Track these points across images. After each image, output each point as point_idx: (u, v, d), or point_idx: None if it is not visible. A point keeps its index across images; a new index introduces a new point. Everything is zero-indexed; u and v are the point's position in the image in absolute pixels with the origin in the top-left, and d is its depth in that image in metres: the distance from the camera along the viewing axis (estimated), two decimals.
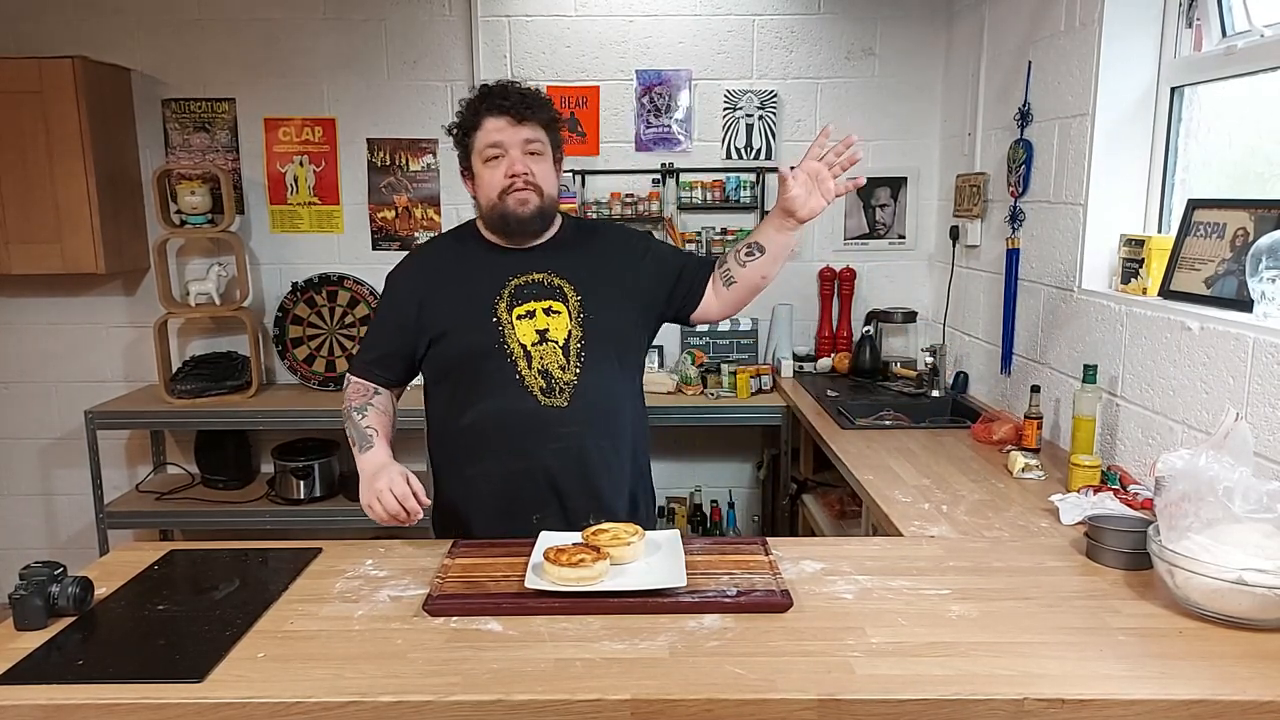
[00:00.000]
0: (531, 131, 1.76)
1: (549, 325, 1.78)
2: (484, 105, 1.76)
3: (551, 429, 1.77)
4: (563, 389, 1.78)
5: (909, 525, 1.90)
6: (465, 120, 1.79)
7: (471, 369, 1.79)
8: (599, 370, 1.80)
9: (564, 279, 1.82)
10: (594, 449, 1.80)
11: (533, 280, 1.81)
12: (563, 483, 1.79)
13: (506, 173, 1.75)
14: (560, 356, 1.78)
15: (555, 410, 1.77)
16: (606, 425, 1.82)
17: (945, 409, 3.09)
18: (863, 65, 3.48)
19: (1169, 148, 2.34)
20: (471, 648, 1.29)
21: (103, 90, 3.23)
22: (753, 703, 1.16)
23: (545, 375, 1.77)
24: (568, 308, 1.80)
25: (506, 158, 1.75)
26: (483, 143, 1.76)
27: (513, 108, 1.74)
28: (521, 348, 1.77)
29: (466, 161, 1.82)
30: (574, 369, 1.78)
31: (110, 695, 1.18)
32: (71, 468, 3.62)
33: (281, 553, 1.65)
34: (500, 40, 3.42)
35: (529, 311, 1.79)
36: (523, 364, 1.77)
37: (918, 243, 3.61)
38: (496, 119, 1.74)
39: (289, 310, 3.50)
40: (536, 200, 1.76)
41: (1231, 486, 1.36)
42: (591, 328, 1.80)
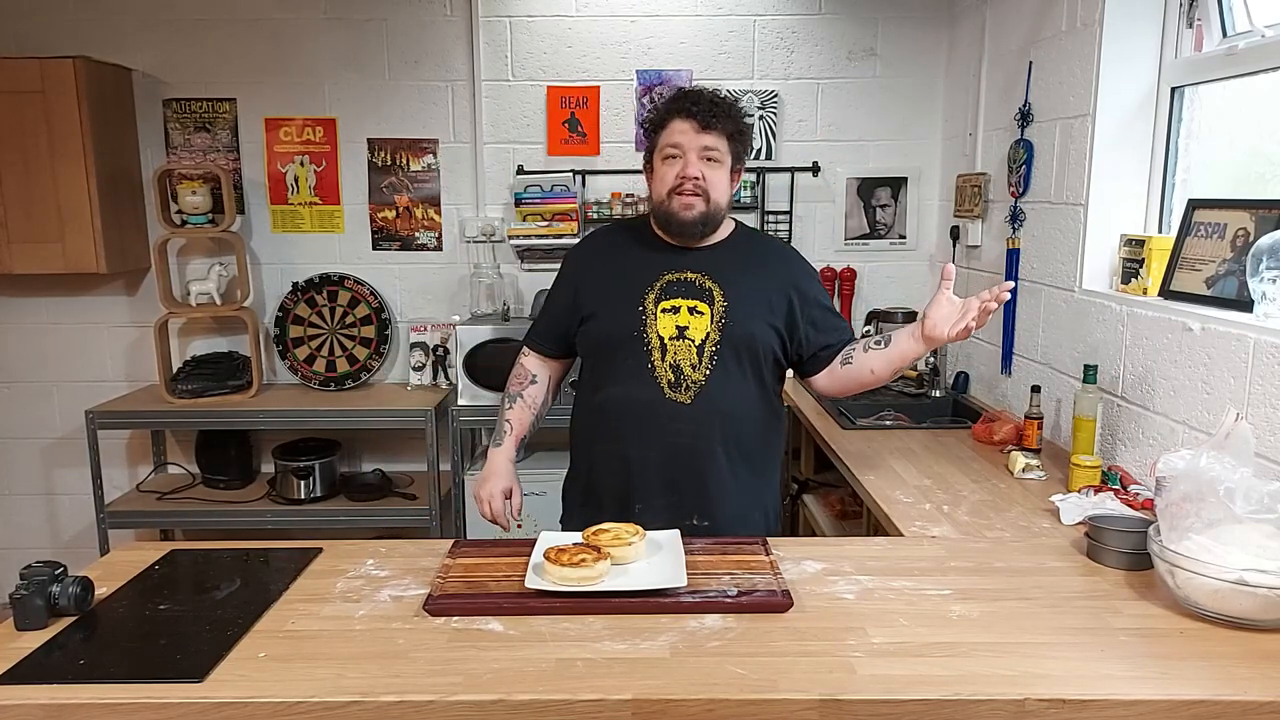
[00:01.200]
0: (713, 139, 1.81)
1: (690, 323, 1.84)
2: (674, 106, 1.83)
3: (671, 423, 1.83)
4: (689, 386, 1.83)
5: (910, 525, 1.90)
6: (655, 118, 1.86)
7: (610, 352, 1.88)
8: (727, 375, 1.84)
9: (715, 283, 1.86)
10: (708, 450, 1.85)
11: (685, 278, 1.87)
12: (672, 477, 1.84)
13: (678, 174, 1.80)
14: (693, 355, 1.83)
15: (677, 405, 1.83)
16: (725, 430, 1.86)
17: (946, 409, 3.09)
18: (864, 65, 3.48)
19: (1169, 148, 2.34)
20: (473, 648, 1.29)
21: (104, 90, 3.24)
22: (754, 703, 1.16)
23: (676, 370, 1.83)
24: (712, 310, 1.85)
25: (682, 159, 1.80)
26: (664, 141, 1.82)
27: (700, 114, 1.79)
28: (659, 339, 1.83)
29: (650, 157, 1.88)
30: (704, 369, 1.83)
31: (111, 695, 1.18)
32: (72, 467, 3.62)
33: (282, 553, 1.65)
34: (501, 40, 3.42)
35: (674, 307, 1.84)
36: (657, 355, 1.83)
37: (918, 243, 3.61)
38: (682, 121, 1.80)
39: (290, 310, 3.50)
40: (702, 206, 1.82)
41: (1232, 487, 1.36)
42: (729, 334, 1.84)
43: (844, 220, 3.59)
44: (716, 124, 1.80)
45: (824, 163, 3.52)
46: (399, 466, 3.63)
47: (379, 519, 3.33)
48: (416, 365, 3.49)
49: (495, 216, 3.52)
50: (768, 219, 3.52)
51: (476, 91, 3.43)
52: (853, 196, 3.57)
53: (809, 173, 3.51)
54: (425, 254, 3.57)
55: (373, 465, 3.64)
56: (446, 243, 3.56)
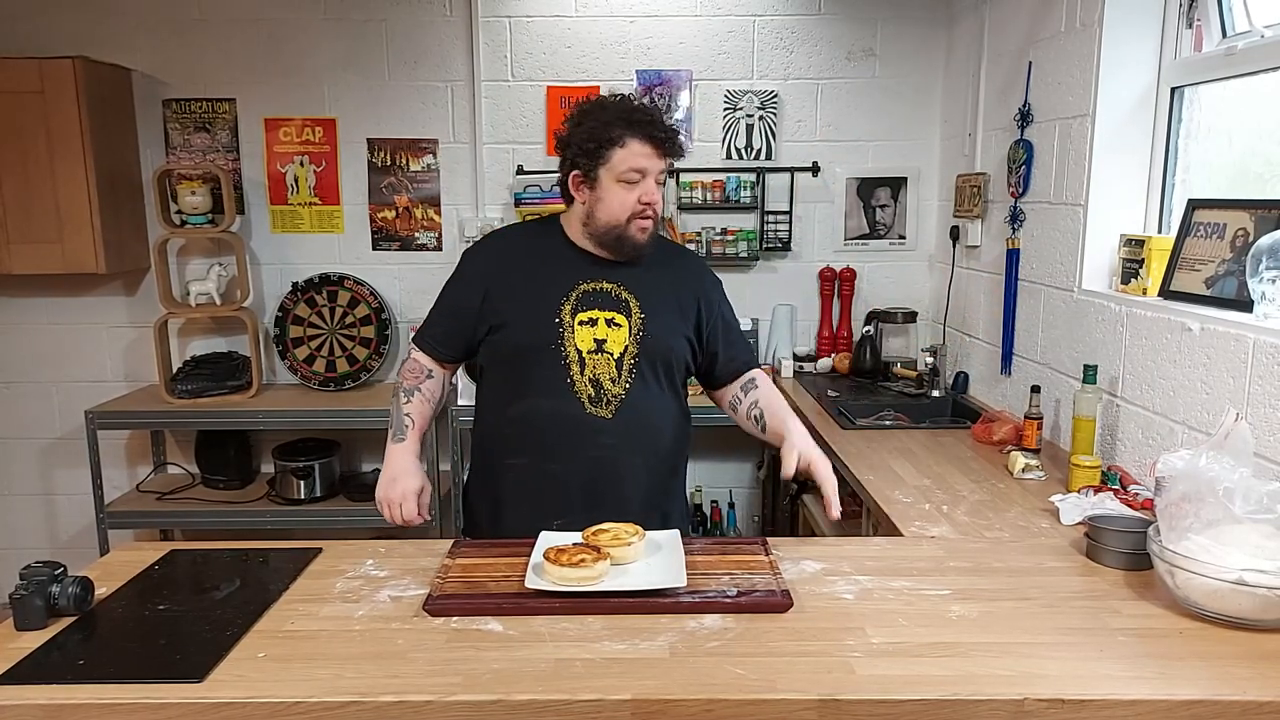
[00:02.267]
0: (665, 164, 1.79)
1: (608, 336, 1.81)
2: (632, 126, 1.74)
3: (592, 438, 1.80)
4: (609, 400, 1.81)
5: (909, 525, 1.90)
6: (604, 132, 1.75)
7: (525, 364, 1.83)
8: (646, 388, 1.83)
9: (632, 294, 1.84)
10: (629, 464, 1.83)
11: (602, 289, 1.83)
12: (594, 491, 1.81)
13: (641, 198, 1.76)
14: (612, 369, 1.81)
15: (599, 420, 1.81)
16: (646, 442, 1.85)
17: (946, 409, 3.09)
18: (863, 66, 3.48)
19: (1169, 148, 2.34)
20: (472, 648, 1.29)
21: (103, 90, 3.24)
22: (753, 703, 1.16)
23: (595, 384, 1.80)
24: (629, 323, 1.82)
25: (643, 184, 1.76)
26: (625, 164, 1.75)
27: (665, 141, 1.76)
28: (577, 353, 1.80)
29: (593, 171, 1.77)
30: (624, 383, 1.81)
31: (111, 695, 1.18)
32: (72, 468, 3.62)
33: (282, 553, 1.65)
34: (501, 40, 3.42)
35: (591, 319, 1.81)
36: (575, 369, 1.80)
37: (918, 243, 3.61)
38: (644, 145, 1.75)
39: (289, 310, 3.50)
40: (654, 229, 1.81)
41: (1232, 487, 1.36)
42: (646, 348, 1.82)
43: (843, 220, 3.59)
44: (671, 150, 1.78)
45: (823, 163, 3.52)
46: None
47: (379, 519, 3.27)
48: None
49: (495, 216, 3.52)
50: (767, 219, 3.52)
51: (476, 92, 3.43)
52: (852, 197, 3.57)
53: (809, 173, 3.51)
54: (425, 254, 3.57)
55: (373, 465, 3.64)
56: (446, 243, 3.56)
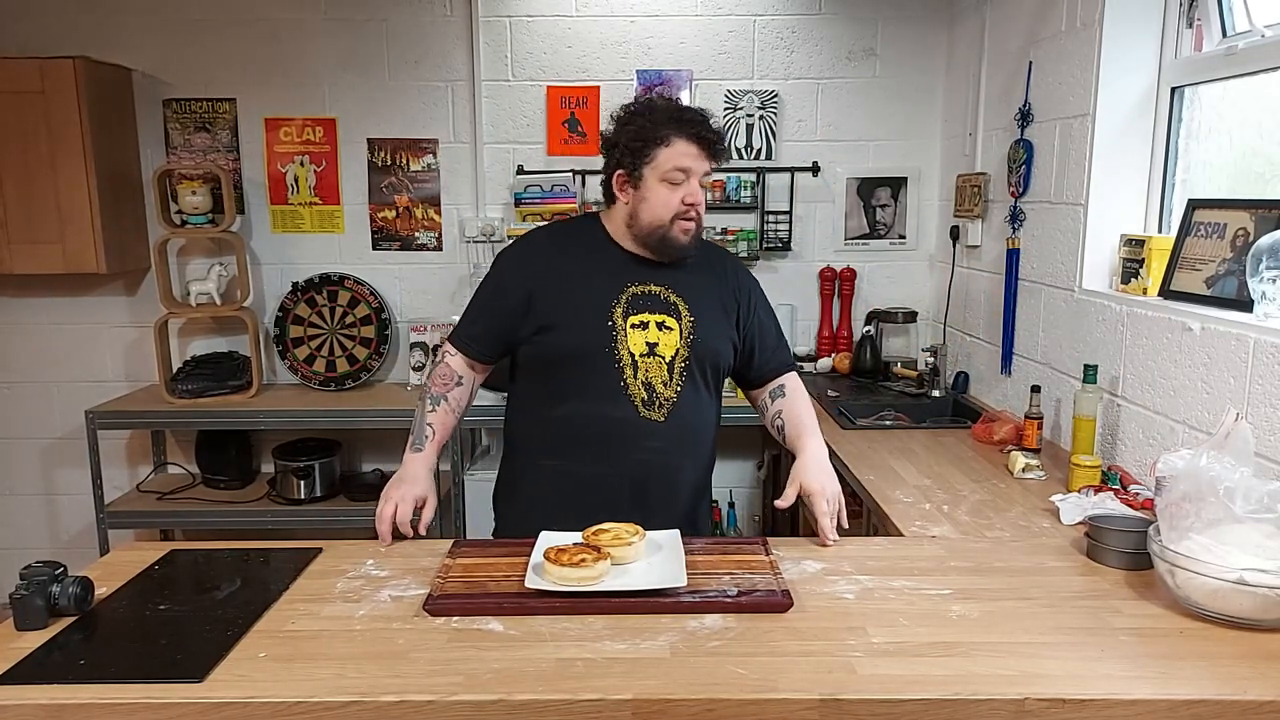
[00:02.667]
0: (710, 166, 1.78)
1: (660, 340, 1.80)
2: (680, 126, 1.73)
3: (643, 441, 1.80)
4: (662, 404, 1.81)
5: (910, 525, 1.90)
6: (652, 132, 1.74)
7: (577, 366, 1.81)
8: (696, 392, 1.84)
9: (680, 297, 1.83)
10: (678, 467, 1.84)
11: (650, 292, 1.82)
12: (643, 494, 1.81)
13: (685, 199, 1.75)
14: (664, 372, 1.81)
15: (651, 424, 1.80)
16: (693, 446, 1.86)
17: (946, 409, 3.09)
18: (863, 65, 3.48)
19: (1169, 148, 2.34)
20: (473, 648, 1.29)
21: (104, 90, 3.24)
22: (754, 703, 1.16)
23: (648, 388, 1.80)
24: (680, 326, 1.82)
25: (688, 184, 1.75)
26: (670, 163, 1.73)
27: (710, 142, 1.75)
28: (631, 356, 1.79)
29: (637, 170, 1.76)
30: (675, 386, 1.81)
31: (111, 695, 1.18)
32: (72, 468, 3.62)
33: (282, 553, 1.65)
34: (501, 40, 3.42)
35: (643, 322, 1.80)
36: (629, 372, 1.79)
37: (918, 243, 3.61)
38: (690, 145, 1.73)
39: (290, 310, 3.50)
40: (697, 230, 1.80)
41: (1232, 487, 1.36)
42: (697, 350, 1.82)
43: (844, 220, 3.59)
44: (717, 151, 1.77)
45: (824, 163, 3.52)
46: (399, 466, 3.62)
47: None
48: (416, 365, 3.49)
49: (495, 216, 3.52)
50: (768, 219, 3.52)
51: (476, 91, 3.43)
52: (852, 196, 3.57)
53: (809, 173, 3.51)
54: (425, 254, 3.57)
55: (373, 465, 3.64)
56: (446, 243, 3.56)
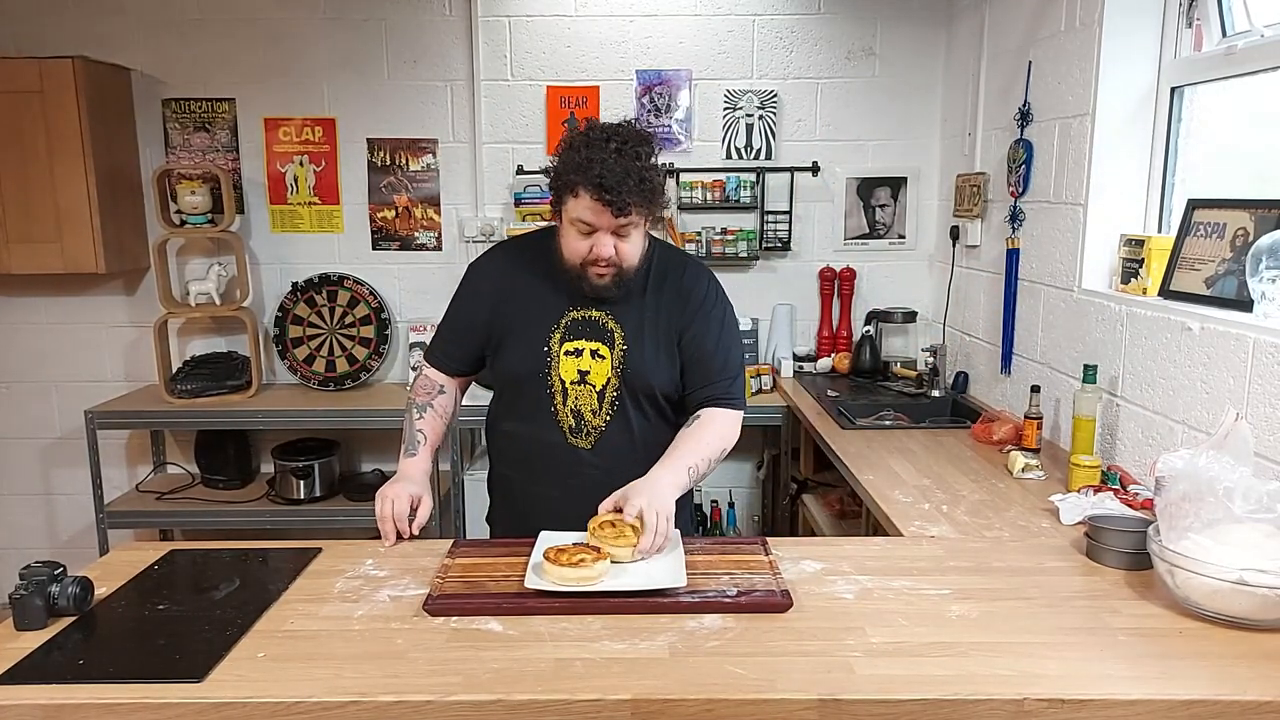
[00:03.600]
0: (626, 219, 1.67)
1: (591, 368, 1.79)
2: (585, 178, 1.63)
3: (571, 467, 1.81)
4: (589, 432, 1.81)
5: (909, 525, 1.90)
6: (563, 178, 1.68)
7: (515, 388, 1.85)
8: (627, 419, 1.81)
9: (618, 324, 1.80)
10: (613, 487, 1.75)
11: (590, 317, 1.80)
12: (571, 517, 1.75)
13: (591, 252, 1.69)
14: (594, 401, 1.80)
15: (578, 450, 1.81)
16: (628, 468, 1.78)
17: (945, 409, 3.09)
18: (863, 65, 3.48)
19: (1169, 148, 2.34)
20: (471, 648, 1.29)
21: (103, 90, 3.23)
22: (753, 703, 1.16)
23: (577, 415, 1.80)
24: (612, 355, 1.79)
25: (595, 236, 1.68)
26: (574, 213, 1.68)
27: (615, 202, 1.62)
28: (561, 383, 1.79)
29: (557, 207, 1.74)
30: (604, 415, 1.80)
31: (110, 695, 1.18)
32: (71, 467, 3.62)
33: (282, 553, 1.65)
34: (500, 40, 3.42)
35: (577, 349, 1.79)
36: (559, 399, 1.80)
37: (918, 243, 3.61)
38: (595, 202, 1.63)
39: (289, 310, 3.50)
40: (614, 276, 1.73)
41: (1232, 487, 1.36)
42: (628, 380, 1.79)
43: (843, 220, 3.59)
44: (630, 208, 1.64)
45: (823, 162, 3.52)
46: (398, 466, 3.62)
47: None
48: (416, 365, 3.49)
49: (494, 216, 3.52)
50: (767, 219, 3.51)
51: (476, 91, 3.43)
52: (852, 196, 3.57)
53: (808, 172, 3.51)
54: (425, 254, 3.57)
55: (372, 465, 3.64)
56: (446, 243, 3.56)
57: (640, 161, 1.66)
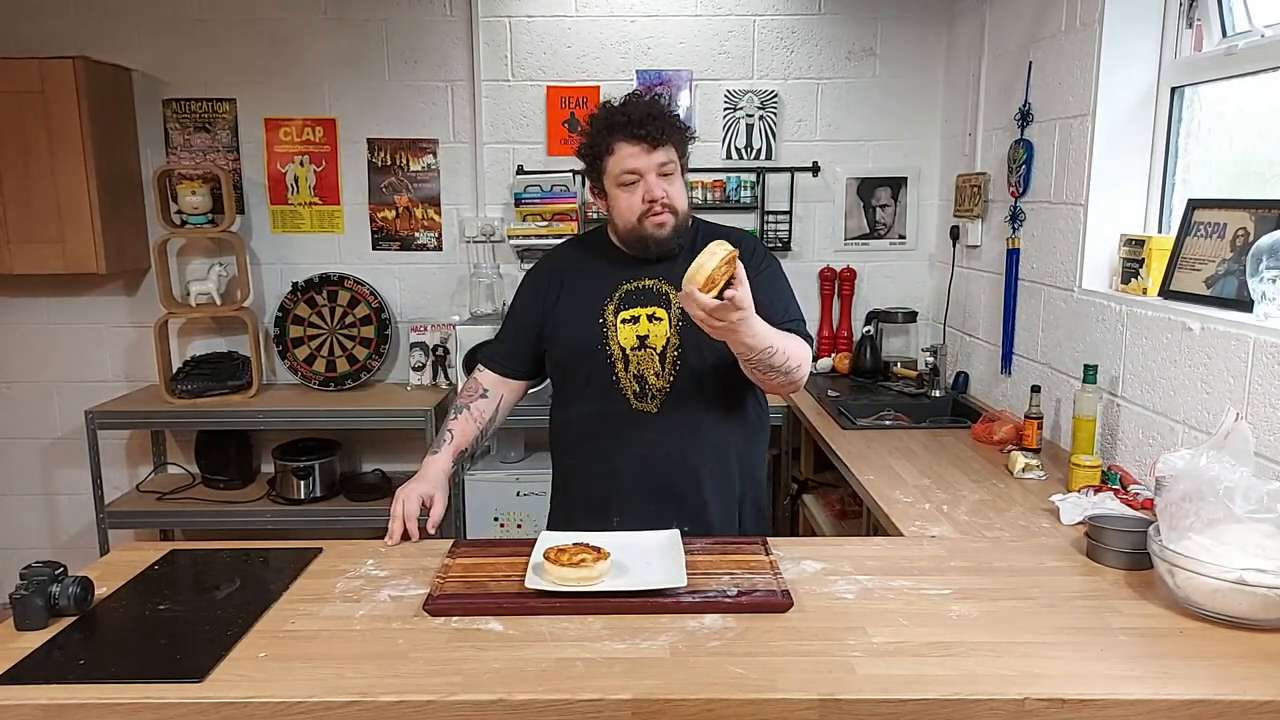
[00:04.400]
0: (665, 154, 1.75)
1: (649, 331, 1.81)
2: (615, 131, 1.74)
3: (641, 433, 1.81)
4: (654, 395, 1.81)
5: (910, 525, 1.90)
6: (597, 144, 1.77)
7: (574, 368, 1.87)
8: (693, 379, 1.81)
9: (671, 285, 1.82)
10: (680, 458, 1.82)
11: (643, 286, 1.84)
12: (648, 487, 1.81)
13: (644, 198, 1.75)
14: (656, 363, 1.81)
15: (645, 415, 1.81)
16: (696, 436, 1.83)
17: (946, 409, 3.09)
18: (863, 65, 3.48)
19: (1169, 148, 2.34)
20: (472, 647, 1.29)
21: (103, 90, 3.23)
22: (753, 702, 1.16)
23: (640, 380, 1.81)
24: (669, 314, 1.81)
25: (643, 183, 1.74)
26: (618, 169, 1.75)
27: (648, 134, 1.72)
28: (621, 351, 1.81)
29: (598, 182, 1.81)
30: (668, 376, 1.81)
31: (111, 695, 1.18)
32: (72, 468, 3.62)
33: (282, 553, 1.65)
34: (501, 40, 3.42)
35: (633, 316, 1.82)
36: (620, 367, 1.81)
37: (918, 243, 3.61)
38: (630, 145, 1.73)
39: (289, 310, 3.50)
40: (673, 220, 1.78)
41: (1232, 486, 1.36)
42: (689, 337, 1.79)
43: (844, 220, 3.59)
44: (665, 138, 1.74)
45: (824, 163, 3.52)
46: (399, 466, 3.63)
47: (379, 519, 3.28)
48: (416, 365, 3.49)
49: (495, 216, 3.52)
50: (767, 219, 3.52)
51: (476, 91, 3.43)
52: (852, 196, 3.57)
53: (809, 173, 3.51)
54: (425, 254, 3.58)
55: (373, 465, 3.64)
56: (446, 243, 3.56)
57: (658, 101, 1.78)
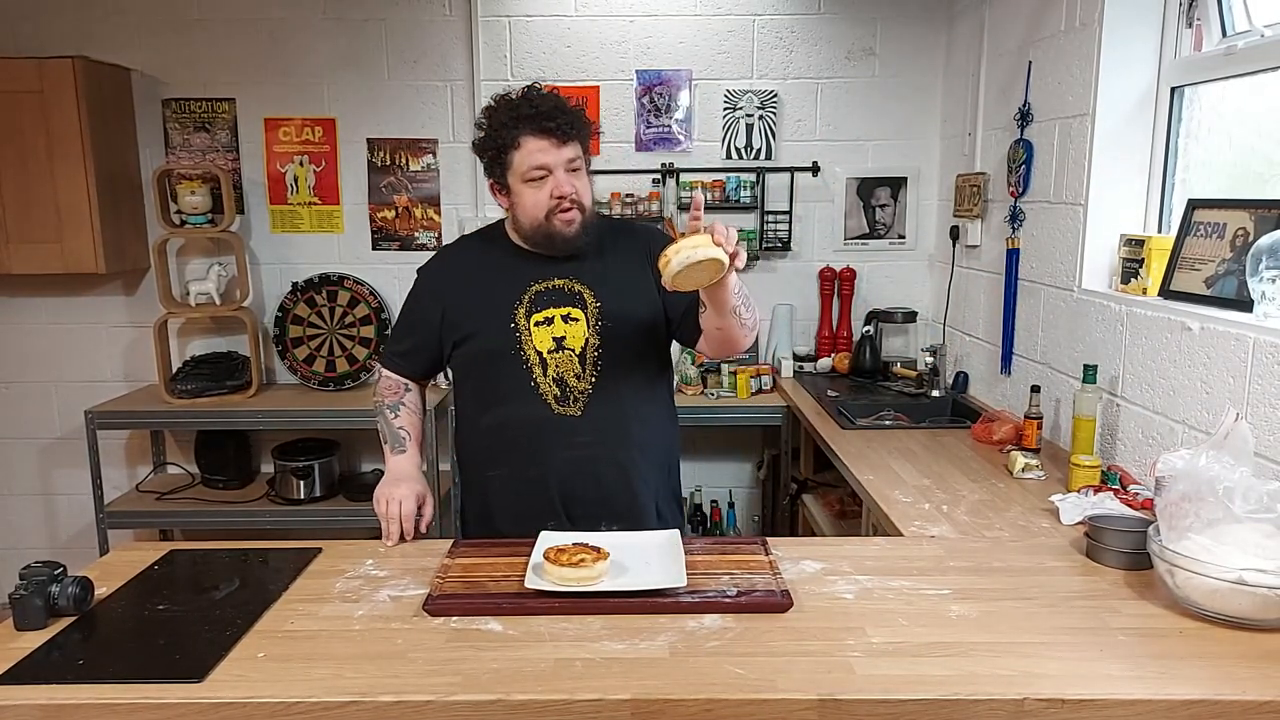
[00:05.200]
0: (572, 150, 1.71)
1: (566, 333, 1.77)
2: (522, 124, 1.69)
3: (563, 438, 1.77)
4: (577, 398, 1.77)
5: (909, 525, 1.90)
6: (501, 138, 1.71)
7: (489, 373, 1.80)
8: (616, 380, 1.78)
9: (585, 285, 1.79)
10: (608, 460, 1.79)
11: (554, 286, 1.79)
12: (573, 493, 1.78)
13: (553, 194, 1.70)
14: (576, 365, 1.77)
15: (568, 419, 1.77)
16: (623, 436, 1.80)
17: (945, 409, 3.09)
18: (863, 65, 3.48)
19: (1169, 148, 2.34)
20: (472, 648, 1.29)
21: (103, 90, 3.23)
22: (753, 703, 1.16)
23: (560, 383, 1.77)
24: (586, 315, 1.77)
25: (551, 178, 1.70)
26: (525, 165, 1.70)
27: (558, 129, 1.68)
28: (538, 354, 1.76)
29: (502, 177, 1.75)
30: (590, 378, 1.77)
31: (110, 695, 1.18)
32: (71, 468, 3.62)
33: (282, 553, 1.65)
34: (500, 40, 3.42)
35: (547, 318, 1.77)
36: (538, 371, 1.77)
37: (918, 243, 3.61)
38: (539, 139, 1.68)
39: (289, 310, 3.50)
40: (580, 217, 1.74)
41: (1231, 486, 1.36)
42: (609, 336, 1.77)
43: (843, 220, 3.59)
44: (573, 133, 1.70)
45: (823, 163, 3.52)
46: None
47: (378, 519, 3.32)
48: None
49: (495, 216, 3.50)
50: (767, 219, 3.51)
51: (476, 91, 3.43)
52: (852, 196, 3.57)
53: (808, 173, 3.51)
54: (425, 254, 3.51)
55: (372, 465, 3.64)
56: (446, 242, 3.55)
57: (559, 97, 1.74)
